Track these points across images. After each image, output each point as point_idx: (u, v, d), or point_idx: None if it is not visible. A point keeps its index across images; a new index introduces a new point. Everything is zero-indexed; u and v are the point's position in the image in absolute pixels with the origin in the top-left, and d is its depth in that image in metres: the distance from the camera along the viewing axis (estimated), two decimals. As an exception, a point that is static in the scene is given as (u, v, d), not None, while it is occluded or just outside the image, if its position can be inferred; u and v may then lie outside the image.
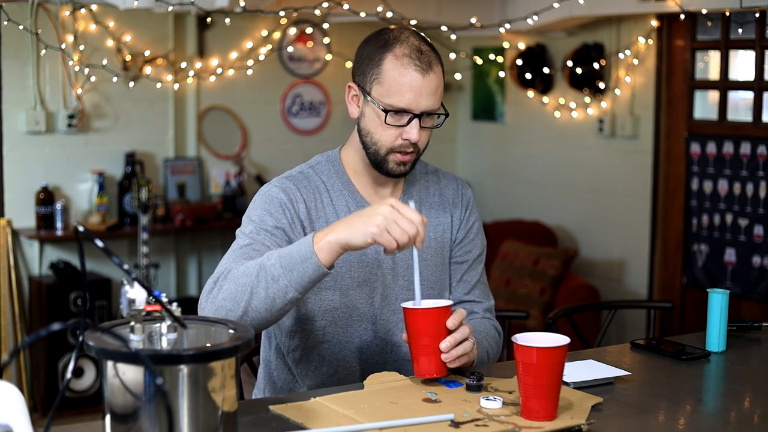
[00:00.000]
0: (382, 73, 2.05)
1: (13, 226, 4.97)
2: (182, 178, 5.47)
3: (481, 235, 2.30)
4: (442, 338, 1.90)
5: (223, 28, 5.36)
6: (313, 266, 1.84)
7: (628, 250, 5.34)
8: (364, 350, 2.15)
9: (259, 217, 2.08)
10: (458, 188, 2.29)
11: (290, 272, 1.84)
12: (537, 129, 5.88)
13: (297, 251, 1.85)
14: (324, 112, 5.92)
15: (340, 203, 2.15)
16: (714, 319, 2.31)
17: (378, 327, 2.15)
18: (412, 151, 2.08)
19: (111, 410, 1.44)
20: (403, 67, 2.03)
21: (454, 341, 1.90)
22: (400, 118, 2.05)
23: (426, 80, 2.03)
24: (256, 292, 1.86)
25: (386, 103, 2.04)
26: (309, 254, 1.83)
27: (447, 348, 1.89)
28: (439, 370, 1.92)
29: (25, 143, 5.00)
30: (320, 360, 2.14)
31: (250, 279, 1.88)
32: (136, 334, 1.48)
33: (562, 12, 4.89)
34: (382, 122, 2.05)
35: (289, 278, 1.85)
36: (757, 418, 1.86)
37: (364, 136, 2.11)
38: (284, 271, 1.85)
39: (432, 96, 2.04)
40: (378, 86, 2.05)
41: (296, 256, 1.84)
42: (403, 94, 2.02)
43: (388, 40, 2.07)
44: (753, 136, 4.68)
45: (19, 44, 4.91)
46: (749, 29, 4.64)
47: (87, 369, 4.86)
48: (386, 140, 2.07)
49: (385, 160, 2.09)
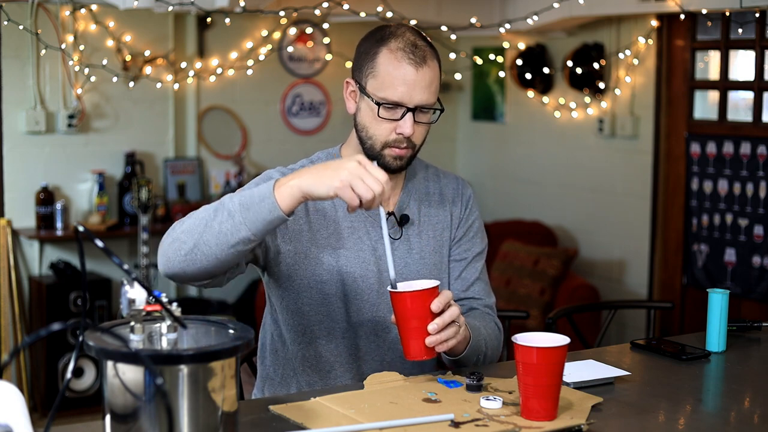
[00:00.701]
0: (376, 67, 2.06)
1: (13, 226, 4.97)
2: (182, 178, 5.47)
3: (482, 234, 2.30)
4: (430, 320, 1.88)
5: (223, 28, 5.36)
6: (270, 206, 1.81)
7: (628, 250, 5.34)
8: (361, 346, 2.15)
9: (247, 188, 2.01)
10: (458, 187, 2.29)
11: (246, 210, 1.83)
12: (537, 129, 5.88)
13: (257, 191, 1.84)
14: (324, 112, 5.92)
15: (338, 199, 2.14)
16: (714, 319, 2.31)
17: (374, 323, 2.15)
18: (406, 146, 2.08)
19: (111, 410, 1.44)
20: (397, 60, 2.03)
21: (442, 323, 1.88)
22: (394, 112, 2.05)
23: (419, 74, 2.03)
24: (210, 225, 1.86)
25: (380, 97, 2.04)
26: (268, 194, 1.82)
27: (434, 330, 1.88)
28: (428, 352, 1.90)
29: (25, 143, 5.00)
30: (316, 355, 2.14)
31: (208, 213, 1.88)
32: (136, 334, 1.48)
33: (562, 12, 4.89)
34: (376, 116, 2.06)
35: (244, 216, 1.83)
36: (757, 418, 1.86)
37: (360, 131, 2.12)
38: (241, 209, 1.84)
39: (426, 90, 2.04)
40: (372, 80, 2.06)
41: (255, 196, 1.83)
42: (396, 88, 2.03)
43: (385, 35, 2.08)
44: (753, 136, 4.68)
45: (19, 44, 4.91)
46: (749, 29, 4.64)
47: (87, 369, 4.86)
48: (380, 134, 2.07)
49: (380, 155, 2.09)
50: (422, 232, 2.21)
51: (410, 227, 2.20)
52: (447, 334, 1.90)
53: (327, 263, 2.11)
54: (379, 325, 2.15)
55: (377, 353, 2.16)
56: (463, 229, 2.26)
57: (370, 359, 2.15)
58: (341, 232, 2.13)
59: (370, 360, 2.15)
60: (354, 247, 2.13)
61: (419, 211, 2.22)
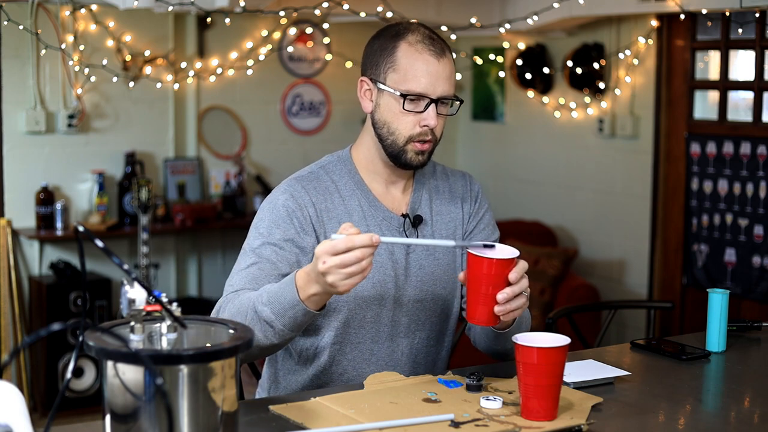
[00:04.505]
0: (396, 61, 2.06)
1: (13, 226, 4.97)
2: (182, 178, 5.47)
3: (493, 226, 2.31)
4: (500, 288, 1.86)
5: (223, 28, 5.36)
6: (302, 310, 1.87)
7: (628, 250, 5.34)
8: (375, 351, 2.14)
9: (266, 230, 2.08)
10: (467, 183, 2.30)
11: (282, 316, 1.89)
12: (537, 129, 5.88)
13: (285, 299, 1.88)
14: (324, 112, 5.92)
15: (352, 203, 2.14)
16: (714, 319, 2.31)
17: (391, 327, 2.14)
18: (430, 139, 2.08)
19: (111, 410, 1.44)
20: (418, 53, 2.05)
21: (512, 293, 1.87)
22: (418, 104, 2.06)
23: (441, 64, 2.05)
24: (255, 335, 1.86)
25: (403, 89, 2.05)
26: (296, 302, 1.86)
27: (504, 299, 1.86)
28: (490, 320, 1.88)
29: (25, 143, 5.00)
30: (330, 360, 2.13)
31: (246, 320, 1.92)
32: (136, 334, 1.48)
33: (562, 12, 4.89)
34: (399, 110, 2.06)
35: (282, 322, 1.89)
36: (757, 418, 1.86)
37: (380, 128, 2.10)
38: (276, 317, 1.89)
39: (447, 81, 2.06)
40: (393, 74, 2.06)
41: (286, 303, 1.88)
42: (420, 79, 2.04)
43: (399, 30, 2.09)
44: (753, 136, 4.68)
45: (19, 44, 4.91)
46: (749, 29, 4.64)
47: (87, 369, 4.86)
48: (404, 128, 2.07)
49: (403, 150, 2.09)
50: (435, 232, 2.21)
51: (424, 228, 2.20)
52: (516, 304, 1.89)
53: None
54: (395, 330, 2.15)
55: (391, 358, 2.15)
56: (474, 222, 2.27)
57: (384, 364, 2.15)
58: None
59: (383, 365, 2.15)
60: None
61: (431, 210, 2.22)
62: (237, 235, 5.71)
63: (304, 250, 2.06)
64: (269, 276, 2.02)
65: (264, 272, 2.02)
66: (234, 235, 5.69)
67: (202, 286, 5.64)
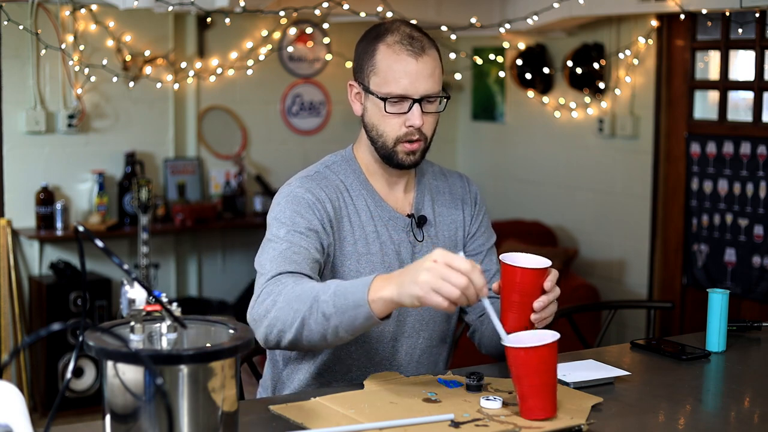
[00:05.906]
0: (376, 64, 2.06)
1: (13, 226, 4.97)
2: (182, 178, 5.47)
3: (491, 228, 2.33)
4: (534, 297, 1.89)
5: (223, 28, 5.36)
6: (366, 313, 1.78)
7: (628, 250, 5.34)
8: (379, 351, 2.14)
9: (290, 219, 2.02)
10: (465, 185, 2.31)
11: (342, 314, 1.80)
12: (537, 129, 5.88)
13: (351, 296, 1.79)
14: (324, 112, 5.91)
15: (360, 203, 2.14)
16: (714, 319, 2.31)
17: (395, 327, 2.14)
18: (419, 138, 2.08)
19: (111, 410, 1.44)
20: (396, 54, 2.04)
21: (547, 301, 1.90)
22: (401, 105, 2.05)
23: (420, 63, 2.04)
24: (307, 324, 1.83)
25: (384, 92, 2.05)
26: (362, 302, 1.78)
27: (540, 308, 1.89)
28: (525, 327, 1.91)
29: (25, 143, 5.00)
30: (333, 359, 2.13)
31: (304, 307, 1.84)
32: (136, 334, 1.48)
33: (562, 12, 4.89)
34: (383, 113, 2.06)
35: (340, 319, 1.81)
36: (757, 418, 1.86)
37: (370, 131, 2.11)
38: (336, 312, 1.80)
39: (429, 79, 2.05)
40: (375, 77, 2.07)
41: (350, 301, 1.79)
42: (399, 80, 2.03)
43: (379, 32, 2.09)
44: (753, 136, 4.68)
45: (19, 44, 4.91)
46: (749, 29, 4.63)
47: (87, 369, 4.86)
48: (390, 130, 2.07)
49: (393, 152, 2.09)
50: (438, 233, 2.21)
51: (428, 228, 2.20)
52: (549, 312, 1.92)
53: (354, 270, 2.09)
54: (399, 330, 2.15)
55: (395, 359, 2.16)
56: (476, 225, 2.28)
57: (388, 364, 2.15)
58: (366, 237, 2.12)
59: (387, 365, 2.15)
60: (379, 252, 2.12)
61: (434, 211, 2.23)
62: (237, 235, 5.71)
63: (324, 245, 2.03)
64: (306, 259, 1.96)
65: (300, 255, 1.96)
66: (234, 235, 5.69)
67: (202, 286, 5.64)
